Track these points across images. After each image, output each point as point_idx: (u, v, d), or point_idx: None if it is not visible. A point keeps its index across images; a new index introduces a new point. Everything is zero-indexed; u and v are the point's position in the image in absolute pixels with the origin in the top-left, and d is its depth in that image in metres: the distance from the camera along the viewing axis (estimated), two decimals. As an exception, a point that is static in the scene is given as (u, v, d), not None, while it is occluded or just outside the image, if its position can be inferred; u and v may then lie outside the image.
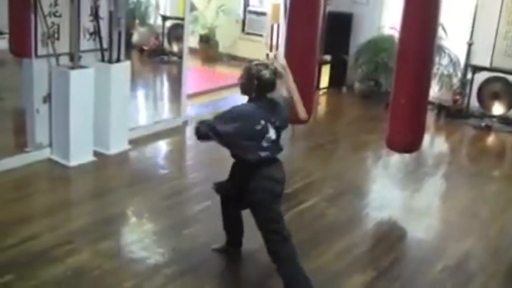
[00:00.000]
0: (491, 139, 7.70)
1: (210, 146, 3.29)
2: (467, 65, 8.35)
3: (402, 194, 5.68)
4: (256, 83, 3.58)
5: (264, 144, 3.59)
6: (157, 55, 9.13)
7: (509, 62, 8.04)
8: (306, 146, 6.87)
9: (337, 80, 9.39)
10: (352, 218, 5.01)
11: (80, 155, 5.55)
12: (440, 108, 8.31)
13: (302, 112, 3.85)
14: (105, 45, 5.80)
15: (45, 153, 5.57)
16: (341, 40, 9.31)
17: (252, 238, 4.13)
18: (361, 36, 9.20)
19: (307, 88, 5.84)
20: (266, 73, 3.59)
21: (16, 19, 5.30)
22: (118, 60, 5.88)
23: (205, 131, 3.61)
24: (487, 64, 8.15)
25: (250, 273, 4.10)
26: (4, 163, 5.23)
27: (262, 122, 3.56)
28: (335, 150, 6.78)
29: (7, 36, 5.82)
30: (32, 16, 5.19)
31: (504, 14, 8.04)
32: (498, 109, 8.12)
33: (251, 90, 3.63)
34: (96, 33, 5.72)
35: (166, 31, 9.15)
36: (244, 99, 3.75)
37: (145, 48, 9.27)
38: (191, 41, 8.30)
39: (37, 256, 3.93)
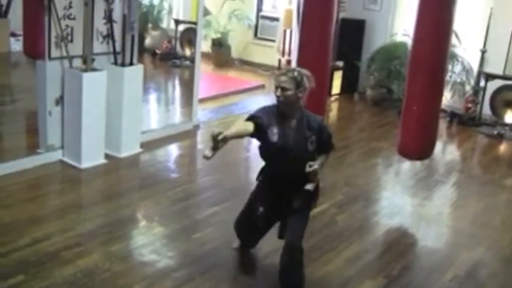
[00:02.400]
0: (503, 148, 7.66)
1: (221, 151, 3.27)
2: (480, 72, 8.32)
3: (412, 201, 5.65)
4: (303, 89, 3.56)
5: None
6: (170, 59, 9.15)
7: (523, 70, 8.01)
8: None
9: (349, 86, 9.39)
10: (363, 224, 4.99)
11: (91, 157, 5.56)
12: (452, 116, 8.29)
13: None
14: (118, 48, 5.82)
15: (57, 155, 5.59)
16: (353, 46, 9.31)
17: (264, 242, 4.13)
18: (373, 42, 9.20)
19: (319, 93, 5.86)
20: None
21: (30, 21, 5.35)
22: (131, 63, 5.90)
23: None
24: (500, 72, 8.12)
25: (261, 277, 4.09)
26: (17, 164, 5.26)
27: None
28: (346, 156, 6.76)
29: (21, 37, 5.89)
30: (46, 18, 5.21)
31: (518, 22, 8.02)
32: (510, 117, 8.08)
33: (302, 98, 3.59)
34: (110, 36, 5.75)
35: (178, 35, 9.18)
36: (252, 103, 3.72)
37: (158, 51, 9.31)
38: (203, 45, 8.32)
39: (48, 257, 3.95)
